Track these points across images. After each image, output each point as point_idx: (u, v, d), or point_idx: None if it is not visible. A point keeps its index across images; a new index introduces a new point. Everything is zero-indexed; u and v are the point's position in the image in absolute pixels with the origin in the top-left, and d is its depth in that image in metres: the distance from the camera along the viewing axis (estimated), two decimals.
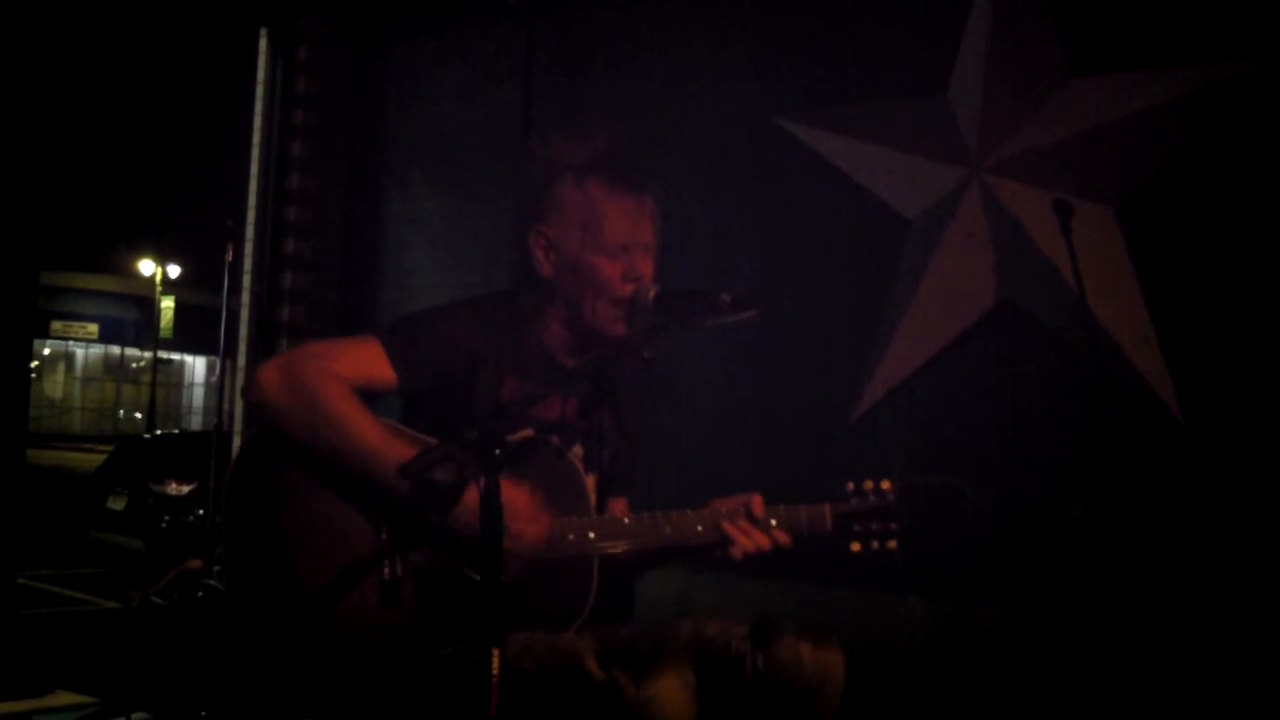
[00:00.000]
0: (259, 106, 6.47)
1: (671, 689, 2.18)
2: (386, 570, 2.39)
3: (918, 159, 4.73)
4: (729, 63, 5.27)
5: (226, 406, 6.15)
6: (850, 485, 2.54)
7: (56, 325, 39.04)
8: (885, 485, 2.53)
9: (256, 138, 6.46)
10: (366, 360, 2.50)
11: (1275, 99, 4.03)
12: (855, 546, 2.52)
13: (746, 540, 2.48)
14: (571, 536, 2.42)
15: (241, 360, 6.31)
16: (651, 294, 2.50)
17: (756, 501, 2.51)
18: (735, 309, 2.38)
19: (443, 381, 2.53)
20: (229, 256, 6.05)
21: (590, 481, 2.52)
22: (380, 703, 2.40)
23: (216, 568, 5.15)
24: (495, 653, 1.91)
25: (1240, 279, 4.08)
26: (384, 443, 2.36)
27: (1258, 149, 4.07)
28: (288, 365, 2.47)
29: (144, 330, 39.23)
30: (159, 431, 25.23)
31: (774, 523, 2.50)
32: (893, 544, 2.52)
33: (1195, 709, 3.80)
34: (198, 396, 43.07)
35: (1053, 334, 4.35)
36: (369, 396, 2.49)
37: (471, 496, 2.27)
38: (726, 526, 2.48)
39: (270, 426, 2.45)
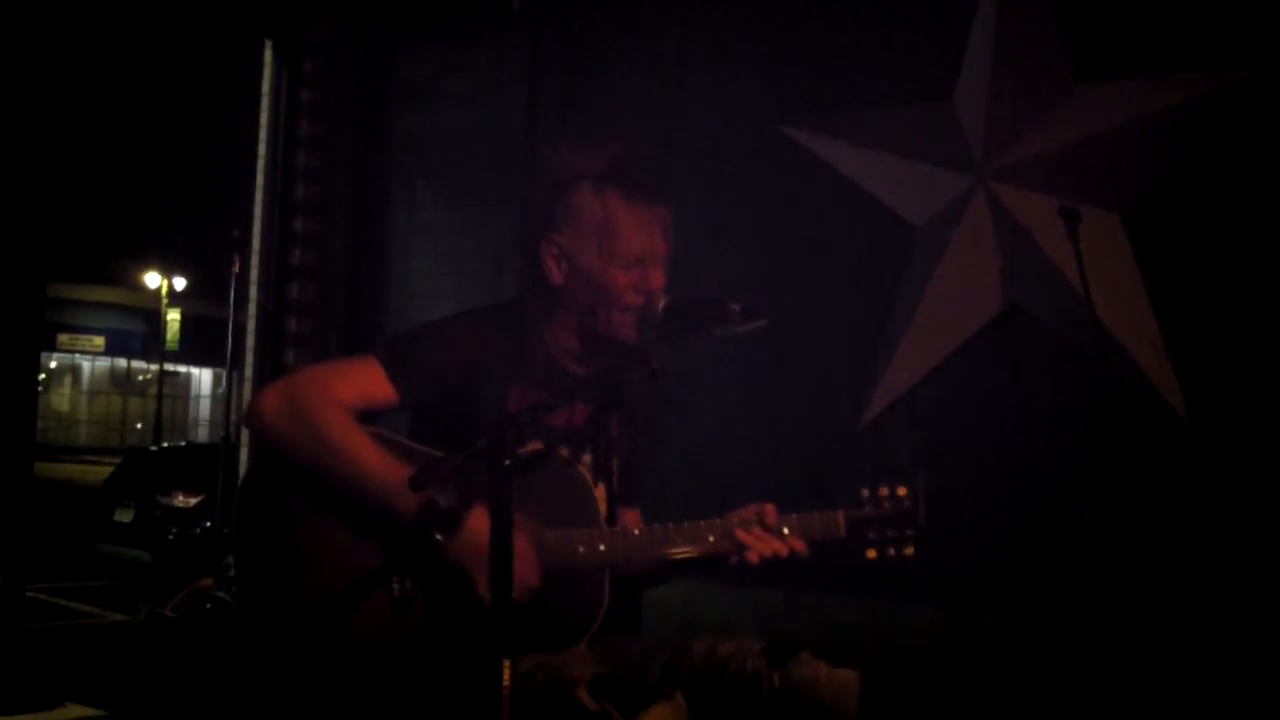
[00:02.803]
0: (264, 118, 6.47)
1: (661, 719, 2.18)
2: (396, 587, 2.39)
3: (923, 165, 4.72)
4: (733, 70, 5.26)
5: (233, 418, 6.15)
6: (865, 492, 2.52)
7: (63, 338, 39.10)
8: (901, 491, 2.52)
9: (262, 149, 6.46)
10: (365, 380, 2.49)
11: None
12: (871, 553, 2.51)
13: (763, 546, 2.47)
14: (582, 549, 2.42)
15: (248, 372, 6.30)
16: (661, 304, 2.50)
17: (769, 510, 2.50)
18: (745, 319, 2.37)
19: (445, 394, 2.53)
20: (235, 268, 6.06)
21: (600, 491, 2.52)
22: (390, 716, 2.39)
23: (228, 576, 5.15)
24: (506, 664, 1.90)
25: (1247, 283, 4.08)
26: (385, 467, 2.36)
27: (1263, 153, 4.07)
28: (287, 393, 2.47)
29: (150, 342, 39.26)
30: (166, 444, 25.25)
31: (786, 530, 2.49)
32: (910, 550, 2.51)
33: (1204, 712, 3.79)
34: (204, 408, 43.12)
35: (1059, 339, 4.34)
36: (372, 416, 2.49)
37: (474, 523, 2.28)
38: (741, 534, 2.47)
39: (273, 451, 2.46)
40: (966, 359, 4.62)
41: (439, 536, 2.18)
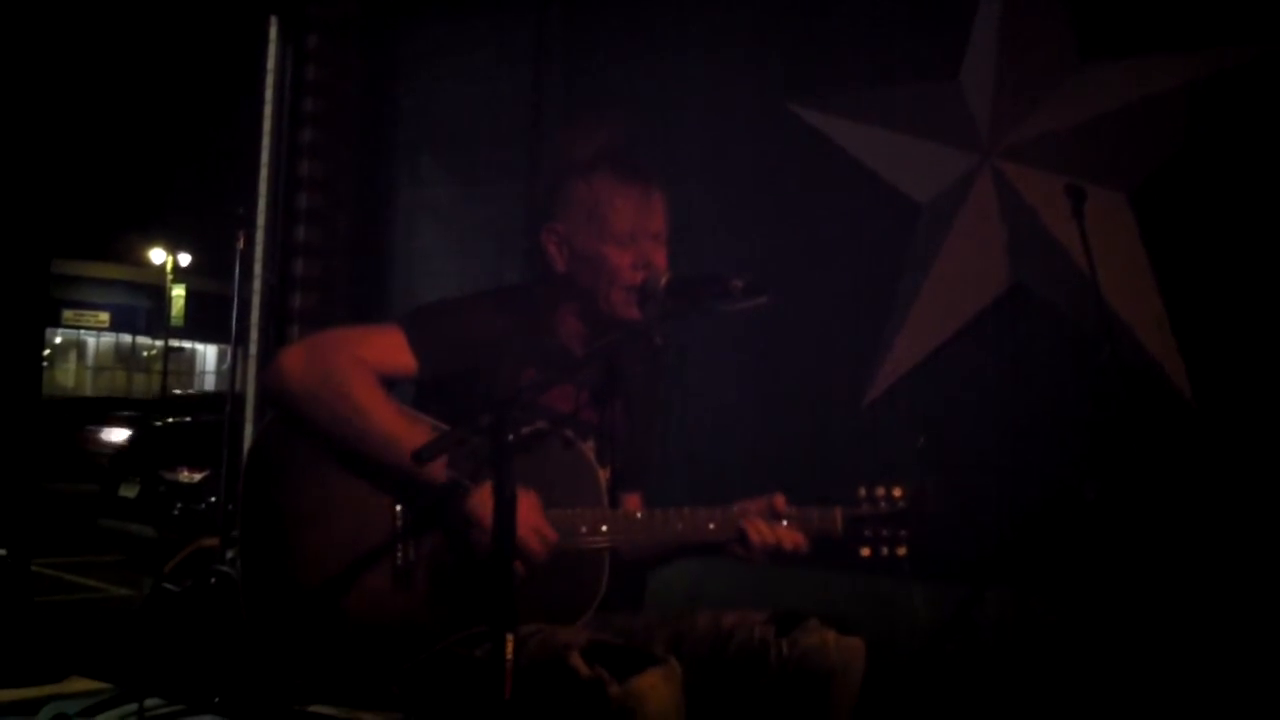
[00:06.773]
0: (269, 94, 6.45)
1: (653, 684, 2.18)
2: (399, 556, 2.40)
3: (930, 144, 4.70)
4: (738, 47, 5.24)
5: (238, 394, 6.16)
6: (861, 490, 2.56)
7: (68, 314, 39.14)
8: (897, 492, 2.55)
9: (267, 125, 6.44)
10: (388, 347, 2.52)
11: None
12: (865, 551, 2.55)
13: (760, 539, 2.50)
14: (584, 529, 2.43)
15: (253, 348, 6.30)
16: (663, 280, 2.52)
17: (778, 500, 2.53)
18: (747, 294, 2.39)
19: (462, 370, 2.55)
20: (240, 244, 6.06)
21: (604, 475, 2.53)
22: (393, 688, 2.41)
23: (230, 554, 5.17)
24: (509, 638, 1.91)
25: (1254, 263, 4.07)
26: (406, 430, 2.38)
27: (1272, 133, 4.05)
28: (313, 350, 2.50)
29: (155, 318, 39.29)
30: (171, 419, 25.26)
31: (784, 523, 2.52)
32: (902, 550, 2.54)
33: (1209, 694, 3.79)
34: (209, 384, 43.17)
35: (1065, 318, 4.34)
36: (388, 384, 2.51)
37: (486, 493, 2.29)
38: (744, 524, 2.50)
39: (289, 411, 2.47)
40: (971, 337, 4.61)
41: (467, 481, 2.22)
